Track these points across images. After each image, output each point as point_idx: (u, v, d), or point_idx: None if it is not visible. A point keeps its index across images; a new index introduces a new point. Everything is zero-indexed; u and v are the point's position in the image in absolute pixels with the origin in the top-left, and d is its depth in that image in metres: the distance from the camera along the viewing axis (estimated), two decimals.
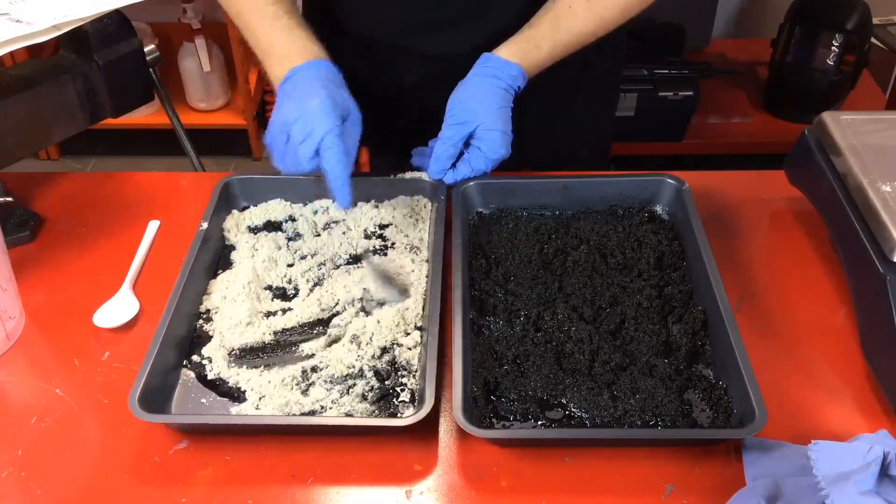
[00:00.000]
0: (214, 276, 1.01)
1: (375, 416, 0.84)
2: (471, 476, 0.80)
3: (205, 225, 1.02)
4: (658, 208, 1.08)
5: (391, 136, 1.30)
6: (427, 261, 1.01)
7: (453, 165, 1.05)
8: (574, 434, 0.83)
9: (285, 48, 1.01)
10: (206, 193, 1.08)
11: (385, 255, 1.03)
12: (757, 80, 2.66)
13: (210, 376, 0.89)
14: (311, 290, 0.99)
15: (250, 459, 0.82)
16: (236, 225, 1.08)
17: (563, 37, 1.06)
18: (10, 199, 1.09)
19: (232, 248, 1.05)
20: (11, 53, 0.96)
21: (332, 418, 0.84)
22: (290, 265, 1.02)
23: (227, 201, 1.10)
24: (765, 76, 2.58)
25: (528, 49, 1.05)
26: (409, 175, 1.10)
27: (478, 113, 1.02)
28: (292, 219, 1.09)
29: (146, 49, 1.20)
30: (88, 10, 1.01)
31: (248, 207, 1.11)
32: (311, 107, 0.93)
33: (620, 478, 0.80)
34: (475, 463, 0.81)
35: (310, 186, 1.10)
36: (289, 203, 1.11)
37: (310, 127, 0.92)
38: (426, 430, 0.84)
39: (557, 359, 0.88)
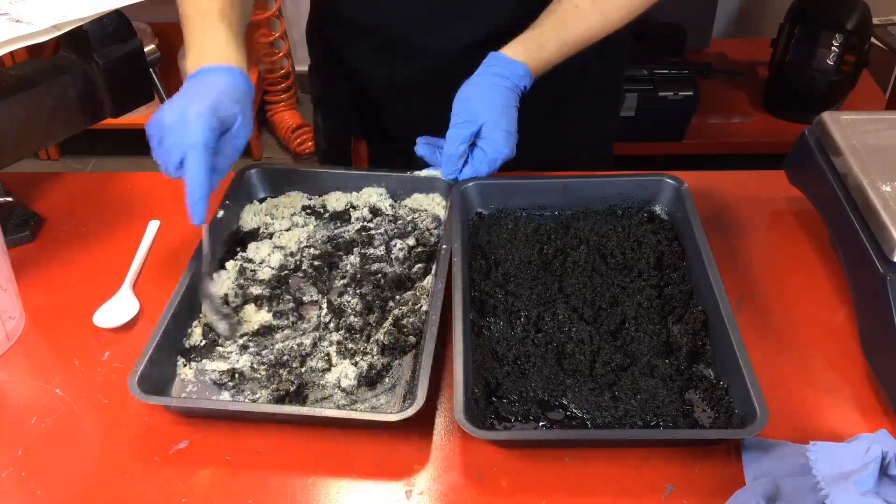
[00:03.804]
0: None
1: (374, 412, 0.84)
2: (471, 476, 0.80)
3: (221, 213, 1.03)
4: (658, 208, 1.08)
5: (388, 129, 1.30)
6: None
7: None
8: (575, 435, 0.83)
9: (205, 47, 0.99)
10: None
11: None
12: (757, 80, 2.66)
13: (210, 371, 0.89)
14: (315, 287, 0.99)
15: (250, 459, 0.82)
16: (252, 216, 1.08)
17: (569, 36, 1.06)
18: (10, 199, 1.09)
19: (240, 241, 1.05)
20: (11, 53, 0.96)
21: (330, 410, 0.84)
22: (297, 260, 1.02)
23: (243, 192, 1.11)
24: (765, 76, 2.58)
25: (533, 48, 1.05)
26: (423, 173, 1.10)
27: (482, 112, 1.02)
28: (307, 211, 1.10)
29: (146, 49, 1.20)
30: (88, 10, 1.01)
31: (265, 199, 1.11)
32: (187, 114, 0.89)
33: (620, 478, 0.80)
34: (475, 463, 0.81)
35: (326, 179, 1.11)
36: (305, 195, 1.12)
37: (179, 136, 0.89)
38: (427, 429, 0.84)
39: (558, 359, 0.88)
